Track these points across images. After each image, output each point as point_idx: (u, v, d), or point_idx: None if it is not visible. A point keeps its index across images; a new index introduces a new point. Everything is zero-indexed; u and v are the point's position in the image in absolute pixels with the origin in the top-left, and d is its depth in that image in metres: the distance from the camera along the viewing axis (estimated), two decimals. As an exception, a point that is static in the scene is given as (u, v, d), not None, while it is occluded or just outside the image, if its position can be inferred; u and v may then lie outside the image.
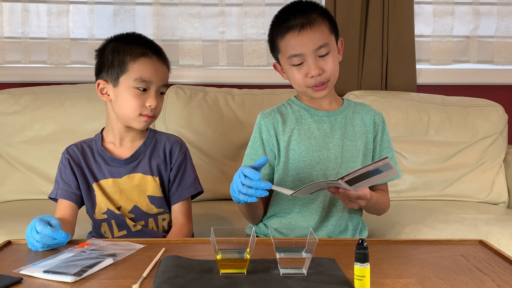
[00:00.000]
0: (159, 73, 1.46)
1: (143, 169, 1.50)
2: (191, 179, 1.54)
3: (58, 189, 1.49)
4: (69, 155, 1.51)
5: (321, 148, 1.46)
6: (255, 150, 1.50)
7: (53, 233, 1.14)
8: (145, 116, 1.45)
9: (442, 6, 2.60)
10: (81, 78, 2.45)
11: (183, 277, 0.97)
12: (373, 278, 0.97)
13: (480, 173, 2.28)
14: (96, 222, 1.51)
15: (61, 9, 2.51)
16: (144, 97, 1.44)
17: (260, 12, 2.56)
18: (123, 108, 1.45)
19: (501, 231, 1.76)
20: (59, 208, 1.47)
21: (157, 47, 1.50)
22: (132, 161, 1.50)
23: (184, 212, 1.52)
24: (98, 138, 1.53)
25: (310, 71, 1.41)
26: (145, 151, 1.51)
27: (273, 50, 1.50)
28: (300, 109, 1.52)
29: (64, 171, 1.50)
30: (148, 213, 1.51)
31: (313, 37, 1.40)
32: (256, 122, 1.53)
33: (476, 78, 2.64)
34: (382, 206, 1.50)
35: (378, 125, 1.52)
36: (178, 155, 1.53)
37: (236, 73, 2.58)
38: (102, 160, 1.50)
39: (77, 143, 1.54)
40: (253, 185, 1.17)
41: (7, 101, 2.25)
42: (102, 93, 1.48)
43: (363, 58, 2.50)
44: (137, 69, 1.43)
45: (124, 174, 1.49)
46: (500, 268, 1.06)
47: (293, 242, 1.04)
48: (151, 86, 1.45)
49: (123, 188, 1.49)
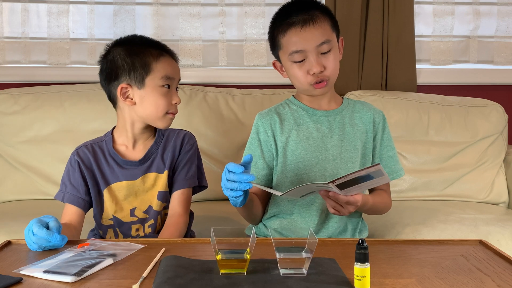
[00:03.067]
0: (177, 69, 1.51)
1: (157, 168, 1.50)
2: (193, 171, 1.53)
3: (65, 192, 1.47)
4: (80, 158, 1.48)
5: (320, 149, 1.46)
6: (253, 151, 1.50)
7: (48, 236, 1.14)
8: (171, 114, 1.48)
9: (442, 6, 2.60)
10: (81, 78, 2.45)
11: (183, 277, 0.97)
12: (373, 278, 0.97)
13: (480, 173, 2.28)
14: (102, 228, 1.50)
15: (61, 9, 2.51)
16: (169, 95, 1.46)
17: (260, 12, 2.56)
18: (150, 109, 1.45)
19: (501, 231, 1.76)
20: (66, 213, 1.46)
21: (164, 45, 1.53)
22: (145, 161, 1.49)
23: (182, 201, 1.50)
24: (109, 139, 1.51)
25: (311, 68, 1.40)
26: (157, 150, 1.51)
27: (274, 47, 1.49)
28: (298, 109, 1.51)
29: (73, 174, 1.48)
30: (157, 210, 1.51)
31: (315, 34, 1.39)
32: (254, 123, 1.52)
33: (476, 78, 2.64)
34: (380, 208, 1.50)
35: (378, 124, 1.51)
36: (186, 146, 1.54)
37: (236, 73, 2.58)
38: (114, 163, 1.49)
39: (87, 144, 1.52)
40: (237, 178, 1.16)
41: (7, 101, 2.25)
42: (124, 97, 1.45)
43: (363, 58, 2.50)
44: (161, 68, 1.45)
45: (139, 176, 1.49)
46: (500, 268, 1.06)
47: (293, 242, 1.04)
48: (173, 83, 1.48)
49: (138, 190, 1.49)
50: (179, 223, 1.47)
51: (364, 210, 1.46)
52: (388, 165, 1.51)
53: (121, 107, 1.48)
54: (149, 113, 1.45)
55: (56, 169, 2.20)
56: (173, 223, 1.46)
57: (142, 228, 1.51)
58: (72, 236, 1.36)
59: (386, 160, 1.51)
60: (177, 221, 1.47)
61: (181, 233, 1.45)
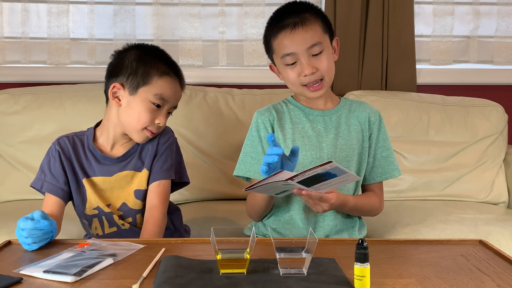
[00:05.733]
0: (177, 95, 1.49)
1: (134, 166, 1.49)
2: (169, 163, 1.50)
3: (44, 181, 1.47)
4: (60, 147, 1.48)
5: (314, 148, 1.47)
6: (254, 148, 1.50)
7: (36, 225, 1.15)
8: (150, 131, 1.45)
9: (442, 6, 2.60)
10: (81, 78, 2.45)
11: (183, 277, 0.97)
12: (373, 278, 0.97)
13: (480, 173, 2.28)
14: (87, 218, 1.50)
15: (61, 9, 2.51)
16: (156, 114, 1.44)
17: (260, 12, 2.56)
18: (131, 117, 1.44)
19: (501, 231, 1.76)
20: (46, 203, 1.46)
21: (178, 69, 1.51)
22: (123, 159, 1.49)
23: (158, 194, 1.47)
24: (90, 134, 1.51)
25: (303, 70, 1.41)
26: (136, 149, 1.51)
27: (268, 50, 1.50)
28: (295, 108, 1.52)
29: (54, 164, 1.47)
30: (135, 209, 1.50)
31: (305, 36, 1.40)
32: (253, 121, 1.53)
33: (476, 78, 2.64)
34: (365, 210, 1.50)
35: (373, 124, 1.52)
36: (161, 140, 1.52)
37: (236, 73, 2.58)
38: (93, 157, 1.48)
39: (69, 135, 1.52)
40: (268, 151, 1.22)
41: (7, 101, 2.25)
42: (113, 96, 1.46)
43: (363, 58, 2.50)
44: (160, 86, 1.44)
45: (115, 173, 1.48)
46: (500, 268, 1.06)
47: (293, 242, 1.04)
48: (165, 105, 1.46)
49: (113, 186, 1.49)
50: (155, 215, 1.44)
51: (346, 210, 1.46)
52: (380, 165, 1.52)
53: (110, 105, 1.49)
54: (129, 121, 1.45)
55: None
56: (150, 216, 1.45)
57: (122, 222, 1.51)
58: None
59: (379, 160, 1.52)
60: (153, 214, 1.45)
61: (158, 225, 1.42)
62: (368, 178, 1.53)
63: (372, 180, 1.53)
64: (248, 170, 1.49)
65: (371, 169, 1.52)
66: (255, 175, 1.48)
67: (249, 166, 1.49)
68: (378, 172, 1.52)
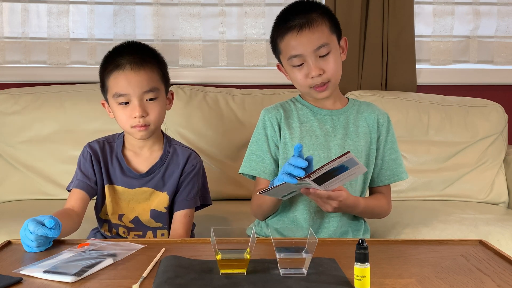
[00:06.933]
0: (133, 82, 1.40)
1: (156, 185, 1.50)
2: (195, 191, 1.52)
3: (75, 180, 1.49)
4: (91, 150, 1.51)
5: (322, 147, 1.46)
6: (260, 146, 1.50)
7: (47, 232, 1.13)
8: (136, 128, 1.43)
9: (442, 6, 2.60)
10: (81, 78, 2.45)
11: (183, 277, 0.97)
12: (373, 278, 0.97)
13: (480, 173, 2.28)
14: (99, 220, 1.54)
15: (61, 9, 2.51)
16: (129, 109, 1.42)
17: (260, 12, 2.56)
18: (119, 123, 1.46)
19: (501, 231, 1.76)
20: (70, 198, 1.47)
21: (132, 53, 1.43)
22: (146, 175, 1.50)
23: (184, 224, 1.49)
24: (120, 142, 1.53)
25: (310, 72, 1.40)
26: (161, 167, 1.51)
27: (275, 51, 1.50)
28: (303, 107, 1.52)
29: (84, 164, 1.50)
30: (147, 225, 1.51)
31: (312, 38, 1.39)
32: (260, 118, 1.52)
33: (476, 78, 2.64)
34: (376, 212, 1.50)
35: (382, 125, 1.51)
36: (187, 167, 1.52)
37: (236, 73, 2.58)
38: (118, 166, 1.50)
39: (100, 140, 1.54)
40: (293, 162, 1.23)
41: (7, 101, 2.25)
42: (108, 109, 1.50)
43: (363, 58, 2.50)
44: (112, 85, 1.43)
45: (135, 187, 1.50)
46: (500, 268, 1.06)
47: (293, 242, 1.04)
48: (131, 98, 1.41)
49: (131, 198, 1.50)
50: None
51: (357, 212, 1.45)
52: (389, 168, 1.51)
53: None
54: (121, 127, 1.48)
55: (56, 169, 2.20)
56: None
57: (127, 233, 1.53)
58: (74, 223, 1.38)
59: (388, 163, 1.51)
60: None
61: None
62: (376, 181, 1.52)
63: (381, 183, 1.52)
64: (253, 168, 1.48)
65: (380, 171, 1.51)
66: (260, 173, 1.47)
67: (254, 164, 1.49)
68: (386, 174, 1.51)
